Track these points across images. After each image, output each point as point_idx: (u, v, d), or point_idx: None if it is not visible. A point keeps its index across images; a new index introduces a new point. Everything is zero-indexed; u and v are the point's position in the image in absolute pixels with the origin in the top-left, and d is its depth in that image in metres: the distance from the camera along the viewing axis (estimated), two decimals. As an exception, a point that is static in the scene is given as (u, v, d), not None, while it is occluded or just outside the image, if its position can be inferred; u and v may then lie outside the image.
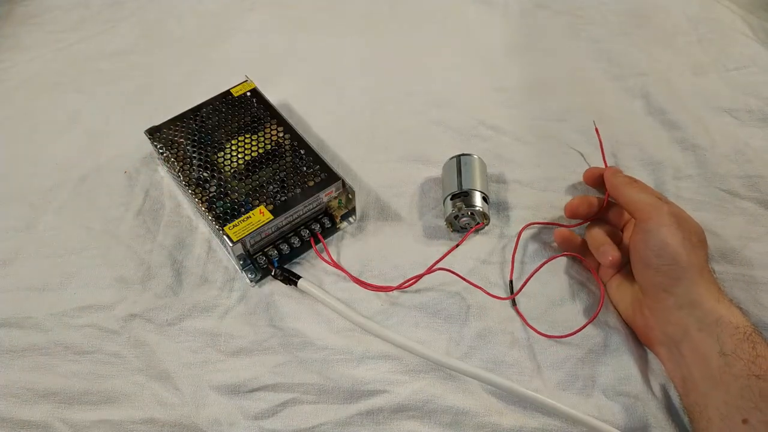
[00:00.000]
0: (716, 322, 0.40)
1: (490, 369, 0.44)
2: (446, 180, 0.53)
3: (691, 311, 0.41)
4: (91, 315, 0.47)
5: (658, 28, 0.71)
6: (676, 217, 0.43)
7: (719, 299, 0.41)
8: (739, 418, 0.36)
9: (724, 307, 0.40)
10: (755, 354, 0.38)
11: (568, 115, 0.61)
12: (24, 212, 0.53)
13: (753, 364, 0.37)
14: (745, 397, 0.36)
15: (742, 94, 0.62)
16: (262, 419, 0.43)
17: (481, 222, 0.51)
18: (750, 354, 0.38)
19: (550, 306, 0.47)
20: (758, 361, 0.37)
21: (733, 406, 0.37)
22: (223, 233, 0.46)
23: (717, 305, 0.40)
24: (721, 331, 0.39)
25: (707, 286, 0.41)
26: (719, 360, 0.38)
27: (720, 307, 0.40)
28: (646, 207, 0.44)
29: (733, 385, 0.37)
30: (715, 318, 0.40)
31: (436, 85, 0.65)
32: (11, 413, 0.43)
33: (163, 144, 0.52)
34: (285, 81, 0.64)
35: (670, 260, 0.41)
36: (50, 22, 0.72)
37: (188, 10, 0.74)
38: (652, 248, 0.42)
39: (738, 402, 0.37)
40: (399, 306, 0.48)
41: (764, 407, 0.36)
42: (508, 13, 0.73)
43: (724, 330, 0.39)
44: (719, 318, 0.40)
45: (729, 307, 0.40)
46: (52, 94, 0.64)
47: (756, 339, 0.38)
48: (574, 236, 0.50)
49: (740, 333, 0.39)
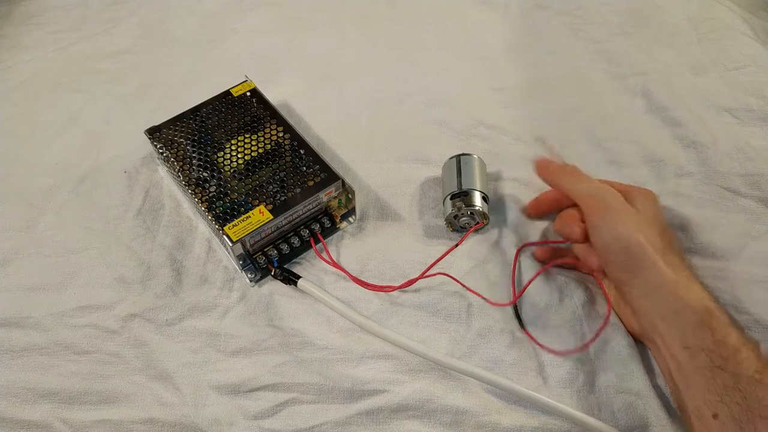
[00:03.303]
0: (675, 310, 0.39)
1: (490, 368, 0.44)
2: (446, 180, 0.53)
3: (653, 300, 0.40)
4: (90, 315, 0.47)
5: (658, 28, 0.71)
6: (619, 205, 0.42)
7: (676, 280, 0.39)
8: (709, 413, 0.36)
9: (681, 288, 0.39)
10: (714, 341, 0.37)
11: (567, 115, 0.61)
12: (24, 212, 0.53)
13: (713, 354, 0.36)
14: (711, 391, 0.36)
15: (743, 94, 0.62)
16: (261, 419, 0.43)
17: (481, 222, 0.51)
18: (709, 342, 0.37)
19: (549, 306, 0.47)
20: (718, 349, 0.36)
21: (702, 401, 0.36)
22: (223, 233, 0.46)
23: (675, 288, 0.39)
24: (681, 320, 0.38)
25: (664, 268, 0.40)
26: (683, 353, 0.38)
27: (678, 289, 0.39)
28: (587, 200, 0.44)
29: (699, 379, 0.37)
30: (673, 305, 0.39)
31: (435, 85, 0.65)
32: (11, 413, 0.43)
33: (163, 144, 0.52)
34: (285, 81, 0.64)
35: (621, 255, 0.41)
36: (50, 22, 0.73)
37: (188, 10, 0.74)
38: (603, 246, 0.42)
39: (706, 396, 0.36)
40: (399, 305, 0.47)
41: (728, 400, 0.35)
42: (508, 13, 0.73)
43: (684, 318, 0.38)
44: (678, 303, 0.39)
45: (687, 287, 0.39)
46: (52, 94, 0.64)
47: (714, 323, 0.37)
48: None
49: (698, 319, 0.38)
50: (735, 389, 0.35)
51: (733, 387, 0.35)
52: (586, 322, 0.46)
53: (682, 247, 0.49)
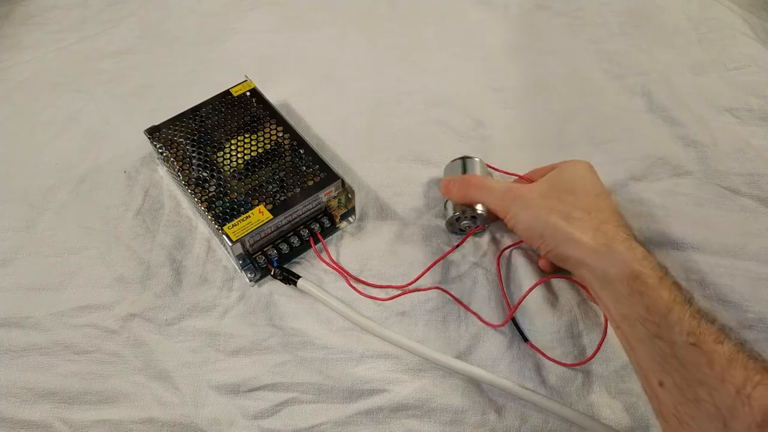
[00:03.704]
0: (605, 279, 0.38)
1: (489, 368, 0.44)
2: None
3: (584, 272, 0.40)
4: (90, 315, 0.47)
5: (658, 28, 0.71)
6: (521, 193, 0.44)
7: (596, 246, 0.39)
8: (656, 382, 0.35)
9: (604, 256, 0.38)
10: (645, 307, 0.36)
11: (567, 115, 0.61)
12: (24, 212, 0.53)
13: (647, 322, 0.35)
14: (653, 360, 0.35)
15: (743, 94, 0.62)
16: (261, 419, 0.43)
17: (481, 225, 0.51)
18: (641, 309, 0.36)
19: (545, 309, 0.47)
20: (650, 316, 0.35)
21: (649, 370, 0.36)
22: (223, 233, 0.46)
23: (598, 257, 0.38)
24: (613, 289, 0.37)
25: (580, 238, 0.40)
26: (624, 323, 0.37)
27: (601, 257, 0.38)
28: (496, 205, 0.46)
29: (642, 348, 0.36)
30: (602, 274, 0.38)
31: (435, 85, 0.65)
32: (11, 413, 0.43)
33: (162, 144, 0.52)
34: (285, 81, 0.64)
35: (540, 239, 0.42)
36: (50, 22, 0.73)
37: (188, 10, 0.74)
38: (526, 237, 0.44)
39: (650, 365, 0.35)
40: (398, 305, 0.47)
41: (669, 369, 0.34)
42: (508, 13, 0.73)
43: (614, 286, 0.37)
44: (605, 272, 0.38)
45: (610, 253, 0.38)
46: (52, 94, 0.64)
47: (641, 287, 0.36)
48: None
49: (626, 286, 0.37)
50: (672, 357, 0.34)
51: (670, 355, 0.34)
52: (582, 322, 0.46)
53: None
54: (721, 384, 0.32)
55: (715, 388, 0.32)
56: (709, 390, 0.32)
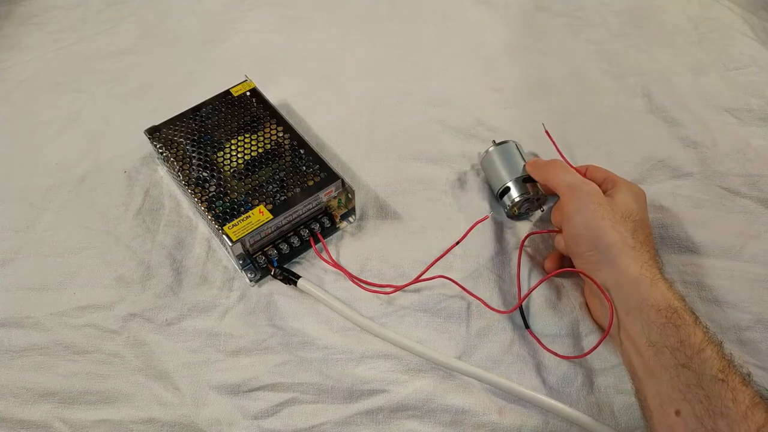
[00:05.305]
0: (638, 307, 0.39)
1: (490, 368, 0.44)
2: (506, 164, 0.52)
3: (615, 294, 0.40)
4: (90, 315, 0.47)
5: (658, 28, 0.71)
6: (596, 197, 0.43)
7: (640, 276, 0.40)
8: (672, 410, 0.36)
9: (644, 286, 0.39)
10: (679, 339, 0.37)
11: (567, 115, 0.61)
12: (24, 212, 0.53)
13: (678, 352, 0.36)
14: (675, 388, 0.36)
15: (743, 94, 0.62)
16: (261, 419, 0.43)
17: (541, 207, 0.52)
18: (674, 340, 0.37)
19: (548, 307, 0.47)
20: (682, 348, 0.36)
21: (666, 397, 0.36)
22: (223, 233, 0.46)
23: (638, 285, 0.39)
24: (646, 317, 0.38)
25: (628, 263, 0.40)
26: (648, 350, 0.38)
27: (641, 286, 0.39)
28: (566, 190, 0.45)
29: (664, 376, 0.37)
30: (636, 302, 0.39)
31: (435, 85, 0.65)
32: (11, 413, 0.43)
33: (162, 144, 0.52)
34: (285, 81, 0.64)
35: (588, 246, 0.42)
36: (50, 22, 0.72)
37: (188, 10, 0.74)
38: (573, 235, 0.43)
39: (670, 393, 0.36)
40: (398, 305, 0.47)
41: (691, 398, 0.35)
42: (508, 13, 0.73)
43: (648, 315, 0.38)
44: (641, 300, 0.39)
45: (651, 285, 0.39)
46: (52, 94, 0.64)
47: (678, 321, 0.37)
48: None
49: (662, 317, 0.38)
50: (698, 387, 0.35)
51: (696, 385, 0.35)
52: (584, 323, 0.46)
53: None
54: (743, 420, 0.33)
55: (736, 422, 0.33)
56: (730, 424, 0.33)
